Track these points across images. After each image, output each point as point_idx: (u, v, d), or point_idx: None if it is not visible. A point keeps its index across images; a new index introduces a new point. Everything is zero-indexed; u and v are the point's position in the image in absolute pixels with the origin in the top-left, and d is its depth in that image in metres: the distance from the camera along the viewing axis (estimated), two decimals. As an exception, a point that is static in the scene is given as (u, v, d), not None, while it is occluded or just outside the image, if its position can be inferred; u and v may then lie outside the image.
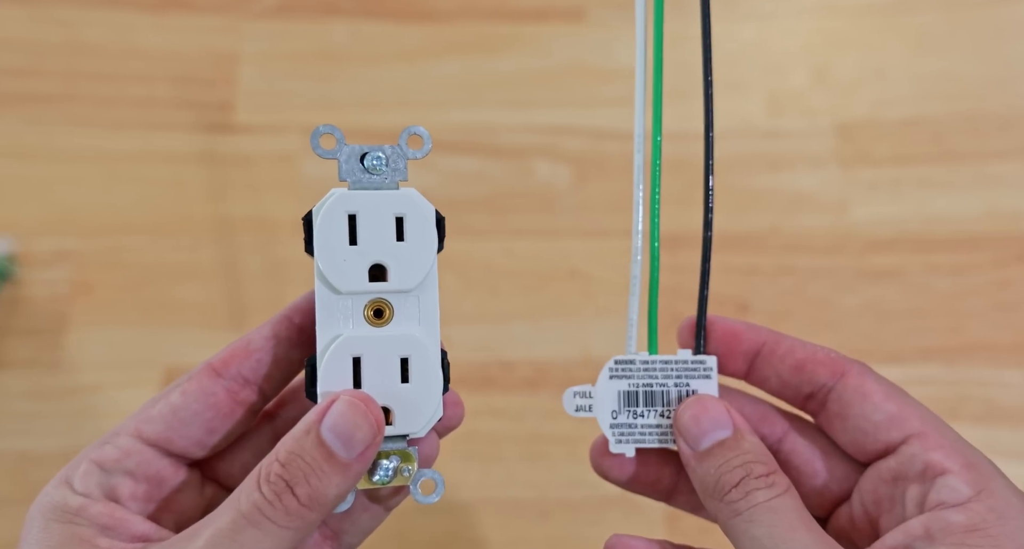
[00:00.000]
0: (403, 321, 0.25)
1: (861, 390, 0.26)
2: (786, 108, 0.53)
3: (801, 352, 0.27)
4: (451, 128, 0.53)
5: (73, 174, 0.51)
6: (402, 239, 0.24)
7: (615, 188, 0.51)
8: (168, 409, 0.25)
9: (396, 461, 0.25)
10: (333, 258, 0.24)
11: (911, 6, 0.56)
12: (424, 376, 0.25)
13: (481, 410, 0.46)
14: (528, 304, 0.49)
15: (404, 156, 0.25)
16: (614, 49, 0.55)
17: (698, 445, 0.25)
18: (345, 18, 0.56)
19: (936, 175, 0.51)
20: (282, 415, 0.28)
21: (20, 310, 0.48)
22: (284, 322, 0.26)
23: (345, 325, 0.24)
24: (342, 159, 0.24)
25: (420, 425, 0.25)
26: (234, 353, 0.25)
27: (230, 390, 0.25)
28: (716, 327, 0.28)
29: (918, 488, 0.24)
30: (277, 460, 0.22)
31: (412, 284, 0.24)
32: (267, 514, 0.22)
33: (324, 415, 0.23)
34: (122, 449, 0.24)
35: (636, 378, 0.27)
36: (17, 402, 0.46)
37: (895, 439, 0.25)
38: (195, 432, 0.25)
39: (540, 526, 0.44)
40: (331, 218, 0.24)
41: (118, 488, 0.24)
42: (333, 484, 0.22)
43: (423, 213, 0.25)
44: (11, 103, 0.53)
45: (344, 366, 0.24)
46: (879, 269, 0.49)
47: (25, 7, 0.55)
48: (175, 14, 0.55)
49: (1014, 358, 0.47)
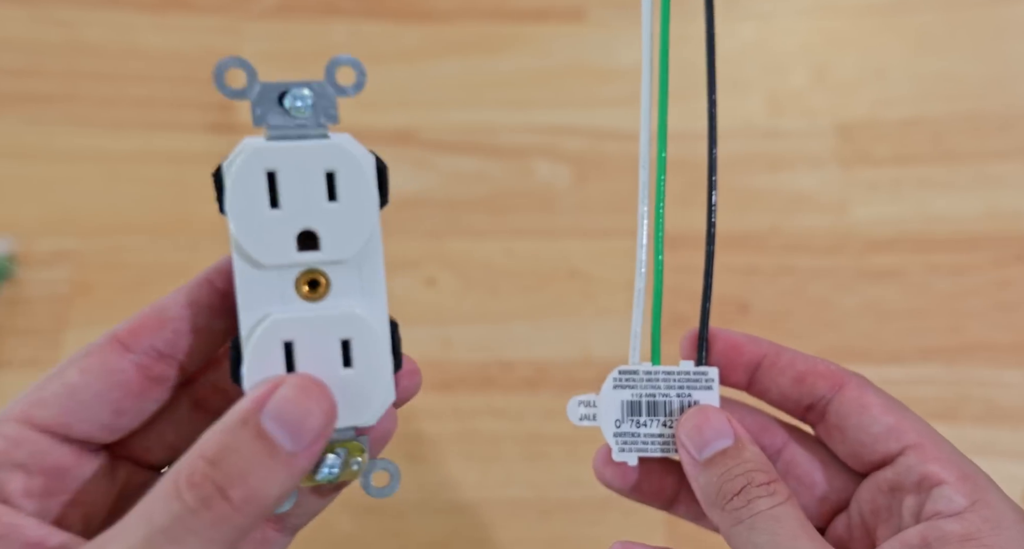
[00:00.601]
0: (342, 294, 0.21)
1: (860, 402, 0.26)
2: (786, 108, 0.53)
3: (801, 364, 0.27)
4: (451, 128, 0.53)
5: (73, 174, 0.51)
6: (334, 198, 0.20)
7: (615, 188, 0.51)
8: (64, 389, 0.21)
9: (343, 454, 0.21)
10: (251, 225, 0.20)
11: (911, 6, 0.56)
12: (369, 358, 0.21)
13: (481, 410, 0.46)
14: (528, 304, 0.49)
15: (332, 94, 0.21)
16: (614, 49, 0.55)
17: (700, 454, 0.25)
18: (345, 18, 0.56)
19: (936, 175, 0.51)
20: (202, 381, 0.24)
21: (20, 310, 0.48)
22: (204, 286, 0.22)
23: (272, 302, 0.21)
24: (255, 101, 0.21)
25: (369, 414, 0.21)
26: (144, 322, 0.22)
27: (141, 365, 0.21)
28: (718, 339, 0.28)
29: (914, 498, 0.24)
30: (203, 457, 0.19)
31: (350, 252, 0.21)
32: (190, 525, 0.18)
33: (263, 403, 0.19)
34: (9, 438, 0.21)
35: (639, 388, 0.28)
36: (17, 402, 0.46)
37: (892, 450, 0.25)
38: (99, 415, 0.21)
39: (540, 526, 0.44)
40: (245, 176, 0.20)
41: (7, 485, 0.20)
42: (276, 483, 0.19)
43: (359, 165, 0.20)
44: (11, 103, 0.53)
45: (274, 352, 0.21)
46: (879, 269, 0.49)
47: (25, 7, 0.55)
48: (175, 14, 0.55)
49: (1014, 358, 0.47)
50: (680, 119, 0.38)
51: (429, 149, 0.52)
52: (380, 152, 0.22)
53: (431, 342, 0.47)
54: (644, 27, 0.27)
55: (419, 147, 0.52)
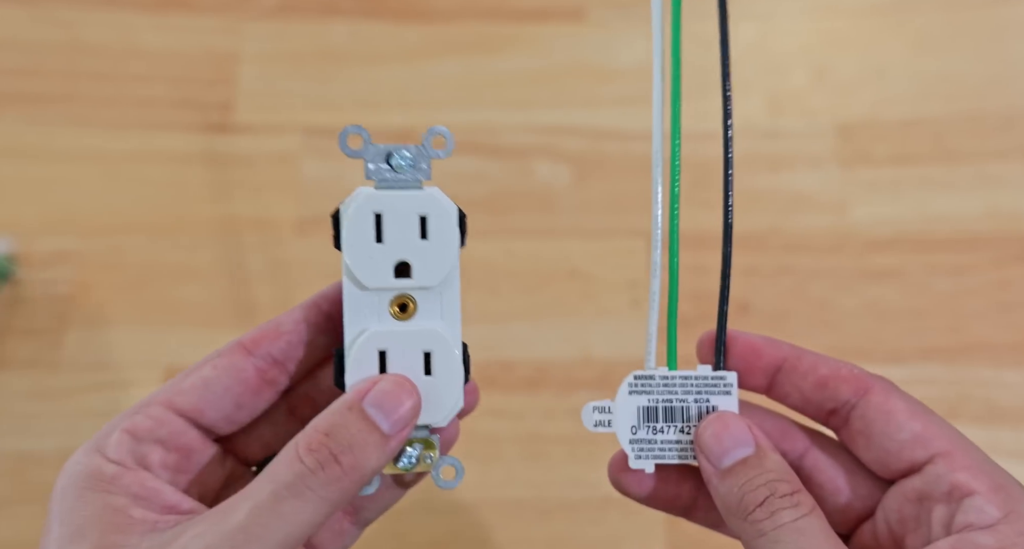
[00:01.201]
0: (426, 316, 0.26)
1: (885, 408, 0.26)
2: (786, 108, 0.53)
3: (824, 368, 0.27)
4: (451, 128, 0.52)
5: (73, 174, 0.51)
6: (425, 237, 0.25)
7: (615, 188, 0.51)
8: (200, 382, 0.25)
9: (419, 448, 0.26)
10: (360, 255, 0.25)
11: (911, 6, 0.56)
12: (446, 369, 0.26)
13: (481, 410, 0.46)
14: (528, 304, 0.49)
15: (428, 156, 0.26)
16: (614, 49, 0.55)
17: (720, 463, 0.25)
18: (345, 18, 0.56)
19: (936, 175, 0.51)
20: (297, 391, 0.28)
21: (20, 310, 0.48)
22: (313, 308, 0.27)
23: (371, 319, 0.25)
24: (368, 158, 0.25)
25: (442, 415, 0.26)
26: (265, 333, 0.26)
27: (259, 368, 0.26)
28: (736, 342, 0.27)
29: (944, 509, 0.24)
30: (318, 430, 0.23)
31: (435, 281, 0.26)
32: (309, 484, 0.22)
33: (366, 393, 0.24)
34: (155, 418, 0.25)
35: (656, 394, 0.27)
36: (17, 402, 0.46)
37: (920, 458, 0.25)
38: (225, 406, 0.25)
39: (540, 526, 0.44)
40: (359, 217, 0.25)
41: (149, 456, 0.24)
42: (374, 456, 0.23)
43: (446, 212, 0.26)
44: (11, 103, 0.53)
45: (371, 358, 0.25)
46: (879, 269, 0.49)
47: (25, 7, 0.55)
48: (175, 14, 0.55)
49: (1014, 358, 0.47)
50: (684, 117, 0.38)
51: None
52: None
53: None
54: (655, 26, 0.27)
55: (419, 147, 0.52)
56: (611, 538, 0.44)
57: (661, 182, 0.28)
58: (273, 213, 0.50)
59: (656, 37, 0.27)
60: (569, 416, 0.46)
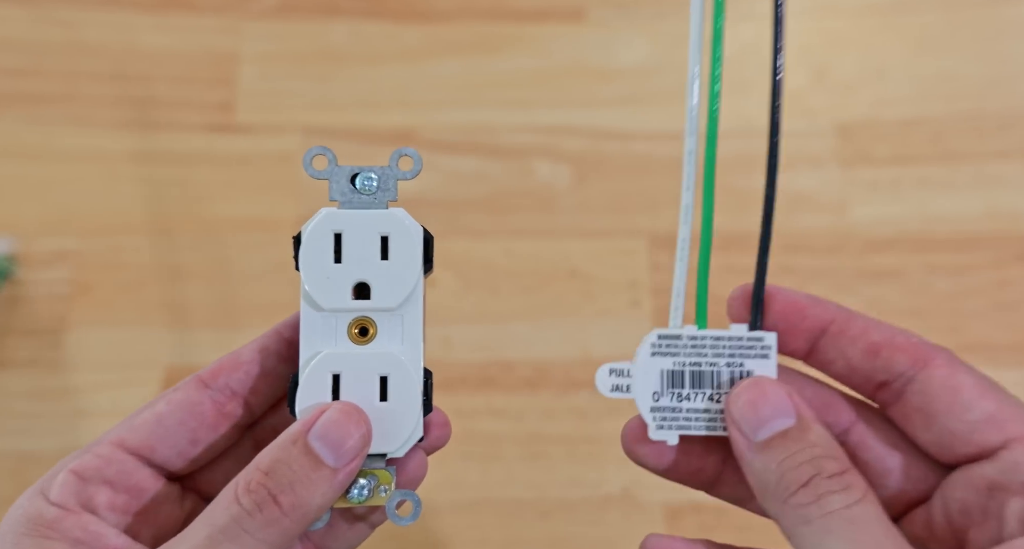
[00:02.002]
0: (386, 340, 0.25)
1: (950, 383, 0.23)
2: (786, 108, 0.53)
3: (876, 334, 0.23)
4: (451, 128, 0.53)
5: (73, 174, 0.51)
6: (387, 258, 0.25)
7: (615, 188, 0.51)
8: (152, 417, 0.24)
9: (373, 480, 0.24)
10: (317, 275, 0.24)
11: (911, 6, 0.56)
12: (403, 395, 0.24)
13: (481, 410, 0.46)
14: (528, 304, 0.49)
15: (395, 177, 0.25)
16: (614, 49, 0.55)
17: (755, 435, 0.22)
18: (345, 18, 0.56)
19: (936, 175, 0.51)
20: (263, 424, 0.27)
21: (20, 310, 0.48)
22: (273, 336, 0.26)
23: (328, 342, 0.25)
24: (333, 179, 0.25)
25: (397, 445, 0.24)
26: (222, 365, 0.25)
27: (216, 401, 0.25)
28: (776, 299, 0.24)
29: (1022, 502, 0.21)
30: (259, 469, 0.22)
31: (395, 302, 0.25)
32: (245, 526, 0.21)
33: (311, 425, 0.22)
34: (102, 457, 0.23)
35: (682, 356, 0.24)
36: (17, 402, 0.46)
37: (993, 442, 0.22)
38: (178, 441, 0.24)
39: (540, 526, 0.44)
40: (316, 235, 0.25)
41: (95, 498, 0.23)
42: (318, 493, 0.22)
43: (409, 233, 0.25)
44: (11, 103, 0.53)
45: (324, 382, 0.24)
46: (879, 269, 0.49)
47: (25, 7, 0.55)
48: (175, 14, 0.55)
49: (1014, 358, 0.47)
50: (674, 119, 0.38)
51: (429, 149, 0.52)
52: (379, 151, 0.25)
53: (431, 342, 0.47)
54: (693, 25, 0.26)
55: (419, 147, 0.52)
56: (611, 538, 0.44)
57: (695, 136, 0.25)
58: (273, 213, 0.50)
59: (694, 33, 0.26)
60: (569, 416, 0.46)
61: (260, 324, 0.44)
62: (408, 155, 0.26)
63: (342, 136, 0.52)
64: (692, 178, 0.24)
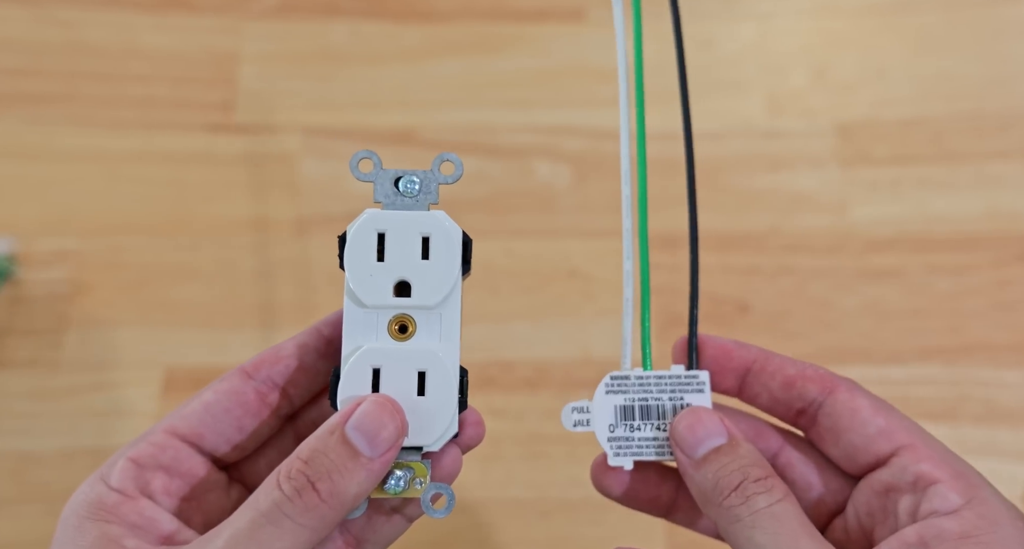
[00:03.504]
0: (425, 337, 0.26)
1: (851, 405, 0.26)
2: (786, 108, 0.53)
3: (791, 369, 0.28)
4: (451, 128, 0.53)
5: (73, 174, 0.51)
6: (427, 258, 0.26)
7: (615, 188, 0.51)
8: (200, 406, 0.26)
9: (409, 472, 0.25)
10: (361, 272, 0.25)
11: (911, 6, 0.56)
12: (440, 391, 0.26)
13: (481, 410, 0.46)
14: (528, 304, 0.49)
15: (436, 180, 0.27)
16: (614, 49, 0.55)
17: (695, 453, 0.26)
18: (345, 18, 0.56)
19: (936, 175, 0.51)
20: (303, 417, 0.28)
21: (20, 310, 0.48)
22: (313, 333, 0.27)
23: (369, 337, 0.26)
24: (377, 182, 0.26)
25: (433, 438, 0.25)
26: (265, 358, 0.27)
27: (259, 392, 0.26)
28: (707, 345, 0.29)
29: (910, 498, 0.25)
30: (299, 458, 0.23)
31: (434, 301, 0.26)
32: (286, 511, 0.22)
33: (348, 416, 0.24)
34: (157, 445, 0.25)
35: (632, 393, 0.28)
36: (17, 402, 0.46)
37: (885, 451, 0.26)
38: (225, 429, 0.26)
39: (540, 526, 0.44)
40: (361, 235, 0.26)
41: (152, 483, 0.25)
42: (355, 482, 0.23)
43: (449, 234, 0.26)
44: (11, 103, 0.53)
45: (364, 375, 0.25)
46: (879, 269, 0.49)
47: (25, 7, 0.55)
48: (175, 14, 0.55)
49: (1014, 358, 0.47)
50: (674, 119, 0.38)
51: (429, 149, 0.52)
52: (379, 151, 0.26)
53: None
54: (617, 27, 0.28)
55: (419, 147, 0.52)
56: (611, 538, 0.44)
57: (630, 192, 0.29)
58: (273, 213, 0.50)
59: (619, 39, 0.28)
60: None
61: (260, 324, 0.45)
62: (450, 160, 0.27)
63: (342, 136, 0.52)
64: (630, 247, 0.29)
